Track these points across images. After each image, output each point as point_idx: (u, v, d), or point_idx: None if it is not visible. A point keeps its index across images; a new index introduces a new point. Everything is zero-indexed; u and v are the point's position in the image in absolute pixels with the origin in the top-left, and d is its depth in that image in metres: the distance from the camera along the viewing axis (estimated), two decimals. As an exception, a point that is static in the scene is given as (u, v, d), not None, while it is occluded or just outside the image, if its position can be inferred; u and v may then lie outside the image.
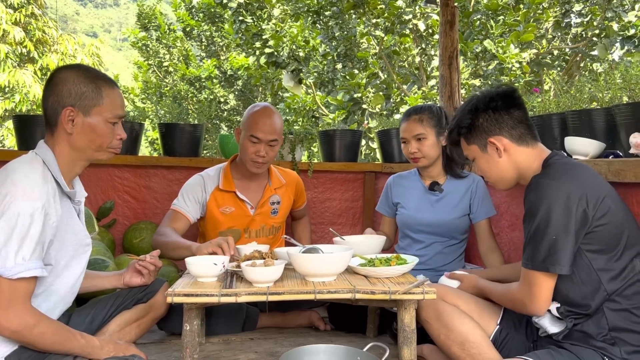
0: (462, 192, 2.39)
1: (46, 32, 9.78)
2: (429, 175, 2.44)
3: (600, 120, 1.99)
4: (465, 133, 1.65)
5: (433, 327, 1.77)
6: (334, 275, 1.75)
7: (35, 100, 8.73)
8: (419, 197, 2.44)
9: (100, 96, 1.54)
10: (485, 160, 1.63)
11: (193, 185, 2.45)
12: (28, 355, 1.45)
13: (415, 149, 2.34)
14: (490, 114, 1.59)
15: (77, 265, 1.60)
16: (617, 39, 6.41)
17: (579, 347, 1.43)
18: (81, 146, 1.55)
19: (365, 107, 6.70)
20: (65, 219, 1.53)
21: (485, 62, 6.09)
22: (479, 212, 2.37)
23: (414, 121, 2.35)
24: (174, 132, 3.12)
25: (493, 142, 1.59)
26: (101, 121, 1.55)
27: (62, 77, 1.54)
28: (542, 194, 1.43)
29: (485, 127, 1.60)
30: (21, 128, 2.90)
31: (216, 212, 2.43)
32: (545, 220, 1.40)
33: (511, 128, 1.58)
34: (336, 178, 3.34)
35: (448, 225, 2.36)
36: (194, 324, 1.67)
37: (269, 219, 2.51)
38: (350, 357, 1.66)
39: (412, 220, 2.42)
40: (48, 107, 1.55)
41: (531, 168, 1.57)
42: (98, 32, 67.67)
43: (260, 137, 2.31)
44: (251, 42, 8.53)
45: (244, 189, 2.47)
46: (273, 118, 2.35)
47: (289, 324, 2.40)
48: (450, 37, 3.14)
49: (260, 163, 2.35)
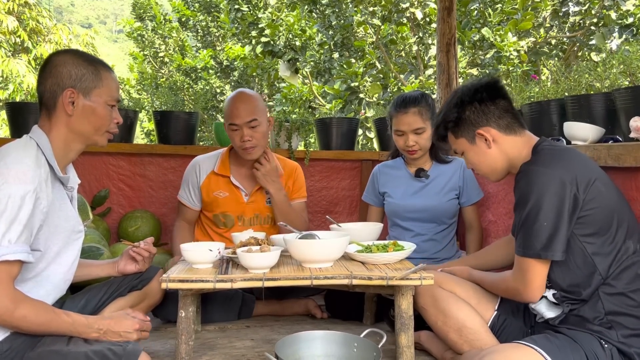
0: (448, 175, 2.40)
1: (40, 21, 9.67)
2: (415, 163, 2.44)
3: (600, 105, 1.98)
4: (452, 127, 1.66)
5: (430, 314, 1.77)
6: (330, 261, 1.74)
7: (30, 90, 8.65)
8: (405, 184, 2.44)
9: (100, 78, 1.55)
10: (475, 153, 1.64)
11: (188, 172, 2.50)
12: (22, 341, 1.43)
13: (413, 142, 2.31)
14: (477, 105, 1.60)
15: (70, 252, 1.58)
16: (615, 27, 6.38)
17: (576, 331, 1.43)
18: (81, 129, 1.54)
19: (363, 97, 6.66)
20: (57, 204, 1.51)
21: (483, 51, 6.06)
22: (470, 197, 2.40)
23: (413, 114, 2.29)
24: (169, 120, 3.09)
25: (481, 134, 1.59)
26: (101, 103, 1.55)
27: (61, 59, 1.53)
28: (532, 180, 1.43)
29: (472, 120, 1.60)
30: (14, 116, 2.87)
31: (210, 195, 2.43)
32: (536, 207, 1.40)
33: (498, 118, 1.59)
34: (333, 166, 3.32)
35: (436, 209, 2.37)
36: (189, 310, 1.65)
37: (264, 208, 2.48)
38: (348, 343, 1.66)
39: (400, 208, 2.41)
40: (46, 90, 1.53)
41: (520, 156, 1.57)
42: (93, 24, 67.11)
43: (238, 122, 2.30)
44: (247, 32, 8.46)
45: (239, 175, 2.45)
46: (246, 101, 2.34)
47: (285, 312, 2.39)
48: (448, 24, 3.11)
49: (249, 148, 2.32)
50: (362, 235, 2.06)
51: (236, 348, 1.95)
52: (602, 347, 1.38)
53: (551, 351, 1.34)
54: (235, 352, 1.90)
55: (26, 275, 1.45)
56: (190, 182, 2.47)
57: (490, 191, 2.53)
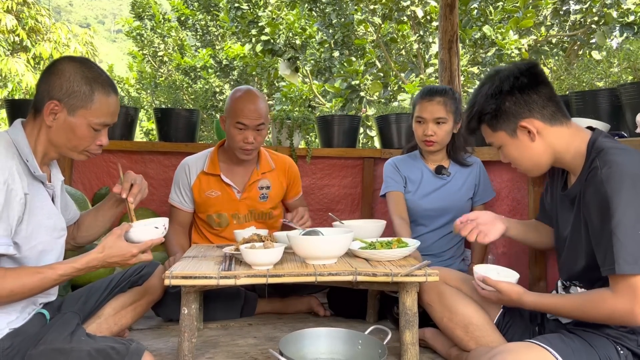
0: (465, 176, 2.37)
1: (39, 20, 9.64)
2: (433, 160, 2.39)
3: (605, 101, 1.97)
4: (490, 120, 1.49)
5: (436, 310, 1.75)
6: (334, 258, 1.72)
7: (28, 90, 8.62)
8: (425, 180, 2.37)
9: (91, 100, 1.49)
10: (516, 147, 1.48)
11: (178, 174, 2.47)
12: (23, 338, 1.42)
13: (432, 132, 2.25)
14: (517, 95, 1.44)
15: (54, 252, 1.55)
16: (616, 26, 6.36)
17: (592, 334, 1.38)
18: (57, 141, 1.51)
19: (363, 95, 6.64)
20: (36, 201, 1.48)
21: (484, 49, 6.05)
22: (483, 196, 2.38)
23: (437, 103, 2.24)
24: (170, 118, 3.07)
25: (524, 126, 1.44)
26: (83, 124, 1.50)
27: (60, 68, 1.50)
28: (619, 186, 1.26)
29: (513, 111, 1.44)
30: (14, 113, 2.86)
31: (202, 195, 2.39)
32: (631, 215, 1.24)
33: (542, 107, 1.43)
34: (335, 164, 3.30)
35: (452, 209, 2.32)
36: (192, 307, 1.63)
37: (258, 204, 2.43)
38: (352, 340, 1.64)
39: (418, 206, 2.35)
40: (38, 92, 1.51)
41: (570, 149, 1.44)
42: (92, 24, 67.04)
43: (247, 123, 2.25)
44: (247, 30, 8.43)
45: (229, 173, 2.41)
46: (257, 102, 2.28)
47: (287, 310, 2.38)
48: (450, 21, 3.09)
49: (249, 150, 2.30)
50: (365, 232, 2.04)
51: (239, 346, 1.93)
52: (618, 353, 1.33)
53: (566, 355, 1.29)
54: (238, 350, 1.88)
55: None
56: (180, 184, 2.43)
57: (493, 188, 2.51)
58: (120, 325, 1.81)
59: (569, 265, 1.52)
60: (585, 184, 1.38)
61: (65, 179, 2.75)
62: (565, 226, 1.55)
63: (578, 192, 1.45)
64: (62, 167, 2.61)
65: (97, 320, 1.75)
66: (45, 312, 1.56)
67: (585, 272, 1.46)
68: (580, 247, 1.45)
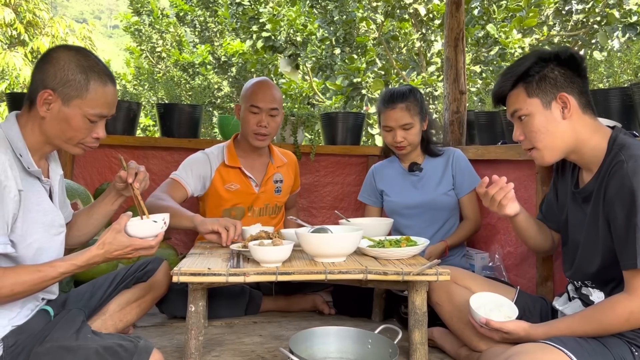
0: (442, 167, 2.40)
1: (37, 14, 9.56)
2: (408, 159, 2.44)
3: (616, 100, 1.95)
4: (530, 82, 1.44)
5: (445, 310, 1.74)
6: (343, 256, 1.70)
7: (26, 84, 8.55)
8: (401, 180, 2.44)
9: (86, 89, 1.42)
10: (545, 118, 1.43)
11: (197, 160, 2.33)
12: (27, 336, 1.39)
13: (401, 138, 2.31)
14: (567, 70, 1.42)
15: (52, 249, 1.51)
16: (618, 26, 6.36)
17: (606, 335, 1.35)
18: (51, 133, 1.44)
19: (365, 93, 6.61)
20: (32, 198, 1.43)
21: (486, 48, 6.03)
22: (463, 186, 2.37)
23: (400, 110, 2.29)
24: (173, 113, 3.03)
25: (565, 99, 1.41)
26: (78, 115, 1.43)
27: (55, 56, 1.43)
28: None
29: (559, 81, 1.41)
30: (15, 106, 2.81)
31: (221, 189, 2.33)
32: None
33: (579, 93, 1.42)
34: (338, 161, 3.28)
35: (433, 204, 2.36)
36: (199, 305, 1.61)
37: (273, 198, 2.45)
38: (362, 339, 1.62)
39: (397, 205, 2.41)
40: (32, 82, 1.45)
41: (590, 142, 1.42)
42: (88, 19, 66.71)
43: (261, 106, 2.27)
44: (248, 26, 8.39)
45: (248, 166, 2.40)
46: (272, 88, 2.34)
47: (292, 308, 2.36)
48: (456, 18, 3.07)
49: (263, 135, 2.30)
50: (373, 231, 2.02)
51: (245, 344, 1.91)
52: (633, 354, 1.31)
53: (582, 356, 1.27)
54: (245, 348, 1.86)
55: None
56: (198, 171, 2.30)
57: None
58: (126, 321, 1.78)
59: (584, 265, 1.50)
60: (607, 178, 1.36)
61: (66, 174, 2.72)
62: (578, 226, 1.53)
63: (595, 188, 1.42)
64: (63, 162, 2.58)
65: (102, 317, 1.72)
66: (49, 309, 1.53)
67: (600, 272, 1.45)
68: (596, 245, 1.43)
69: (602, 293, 1.46)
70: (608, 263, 1.40)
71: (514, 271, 2.42)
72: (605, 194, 1.36)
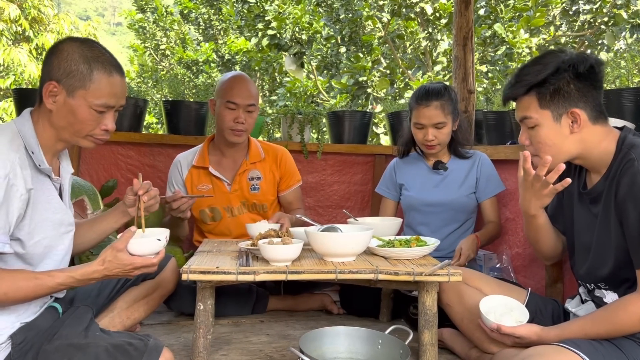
0: (466, 170, 2.35)
1: (42, 10, 9.57)
2: (434, 156, 2.39)
3: (630, 100, 1.94)
4: (545, 93, 1.40)
5: (456, 311, 1.72)
6: (353, 255, 1.68)
7: (31, 80, 8.56)
8: (423, 177, 2.39)
9: (90, 79, 1.39)
10: (553, 132, 1.41)
11: (171, 172, 2.46)
12: (36, 333, 1.38)
13: (432, 137, 2.25)
14: (583, 83, 1.38)
15: (61, 247, 1.49)
16: (625, 27, 6.32)
17: (619, 337, 1.33)
18: (59, 126, 1.42)
19: (370, 91, 6.58)
20: (42, 196, 1.41)
21: (493, 48, 6.00)
22: (486, 191, 2.33)
23: (435, 108, 2.22)
24: (179, 110, 3.02)
25: (576, 115, 1.38)
26: (83, 106, 1.39)
27: (60, 48, 1.41)
28: None
29: (573, 95, 1.38)
30: (22, 102, 2.81)
31: (194, 191, 2.37)
32: None
33: (592, 107, 1.39)
34: (345, 160, 3.26)
35: (454, 204, 2.31)
36: (207, 303, 1.60)
37: (249, 196, 2.38)
38: (372, 340, 1.61)
39: (417, 201, 2.36)
40: (41, 76, 1.44)
41: (597, 148, 1.41)
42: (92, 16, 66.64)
43: (238, 102, 2.25)
44: (253, 24, 8.36)
45: (217, 165, 2.38)
46: (248, 84, 2.31)
47: (299, 307, 2.34)
48: (465, 17, 3.04)
49: (240, 131, 2.27)
50: (382, 230, 2.01)
51: (252, 343, 1.89)
52: None
53: (596, 359, 1.25)
54: (252, 348, 1.84)
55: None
56: (174, 181, 2.42)
57: (507, 187, 2.47)
58: (133, 319, 1.77)
59: (596, 267, 1.48)
60: (618, 177, 1.34)
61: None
62: (586, 228, 1.51)
63: (604, 189, 1.41)
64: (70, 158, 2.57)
65: (109, 314, 1.71)
66: (57, 306, 1.52)
67: (613, 273, 1.43)
68: (609, 247, 1.41)
69: (616, 294, 1.44)
70: (621, 264, 1.38)
71: (523, 272, 2.40)
72: (617, 194, 1.35)
